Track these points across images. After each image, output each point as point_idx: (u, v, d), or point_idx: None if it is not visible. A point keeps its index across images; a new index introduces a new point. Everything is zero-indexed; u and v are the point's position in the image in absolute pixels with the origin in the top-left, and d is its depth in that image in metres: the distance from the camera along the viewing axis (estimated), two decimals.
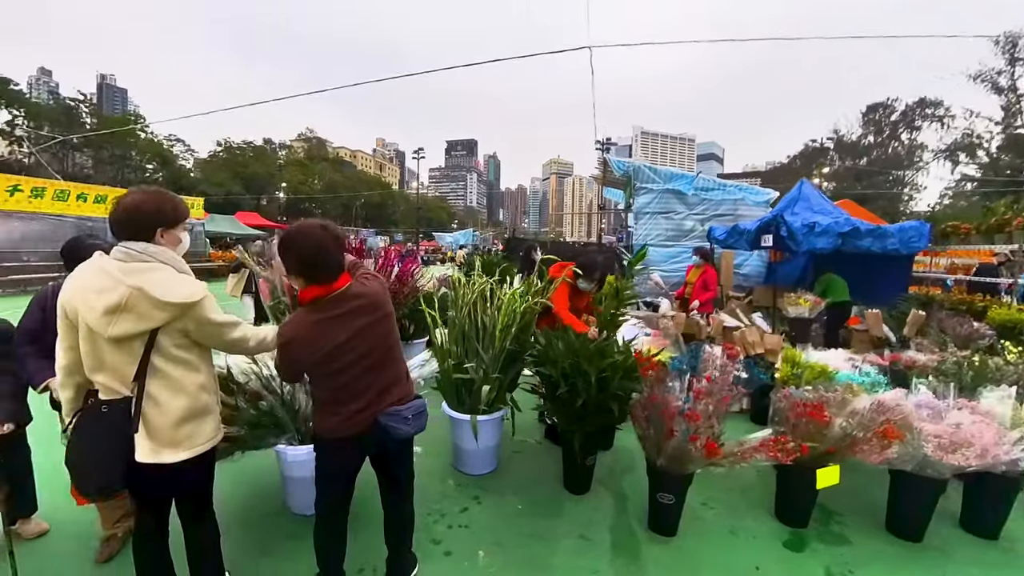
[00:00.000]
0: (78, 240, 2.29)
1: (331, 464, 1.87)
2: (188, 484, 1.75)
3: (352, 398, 1.76)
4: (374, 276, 1.87)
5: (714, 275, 6.23)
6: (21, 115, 35.74)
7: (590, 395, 2.50)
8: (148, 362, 1.54)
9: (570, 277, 3.41)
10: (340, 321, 1.69)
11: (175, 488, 1.76)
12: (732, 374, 3.01)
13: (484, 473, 3.23)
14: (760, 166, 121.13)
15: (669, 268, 10.47)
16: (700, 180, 10.27)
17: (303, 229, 1.71)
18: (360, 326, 1.72)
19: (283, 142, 74.57)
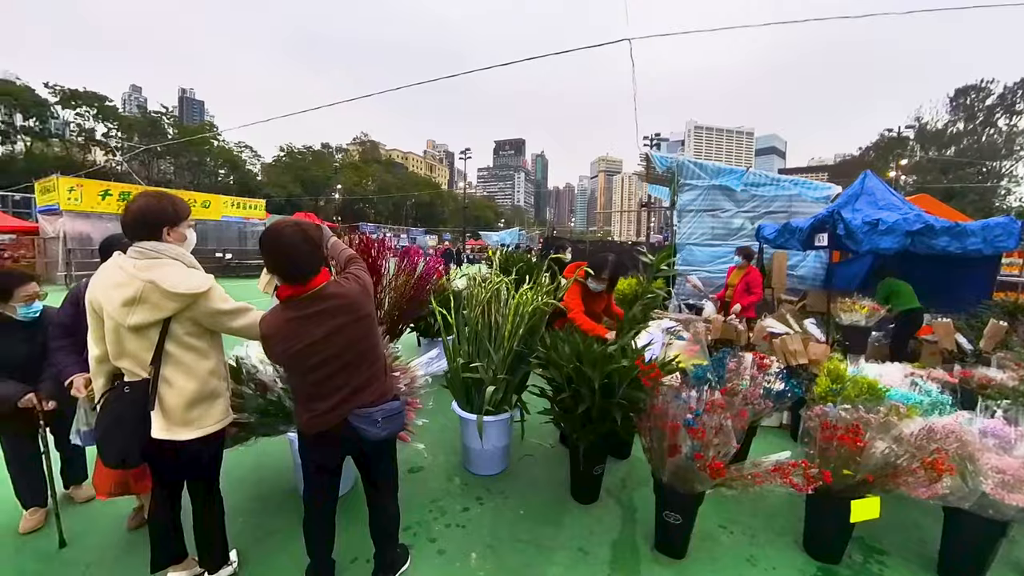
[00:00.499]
0: (113, 238, 2.41)
1: (308, 458, 1.89)
2: (197, 461, 1.91)
3: (322, 396, 1.76)
4: (355, 277, 1.84)
5: (758, 277, 5.77)
6: (115, 127, 40.06)
7: (594, 402, 2.36)
8: (162, 348, 1.72)
9: (582, 277, 3.25)
10: (313, 320, 1.69)
11: (185, 464, 1.91)
12: (762, 386, 2.74)
13: (491, 474, 3.17)
14: (828, 159, 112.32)
15: (714, 269, 9.91)
16: (751, 175, 9.62)
17: (275, 229, 1.72)
18: (334, 326, 1.71)
19: (340, 146, 78.36)
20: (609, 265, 3.22)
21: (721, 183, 9.93)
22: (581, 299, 3.22)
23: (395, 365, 3.03)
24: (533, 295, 3.07)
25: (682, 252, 10.29)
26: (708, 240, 10.16)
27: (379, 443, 1.84)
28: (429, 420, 3.75)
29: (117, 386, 1.77)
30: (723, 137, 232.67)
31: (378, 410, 1.81)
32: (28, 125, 37.09)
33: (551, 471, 3.21)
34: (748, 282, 5.70)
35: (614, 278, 3.29)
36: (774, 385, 2.80)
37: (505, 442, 3.16)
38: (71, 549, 2.36)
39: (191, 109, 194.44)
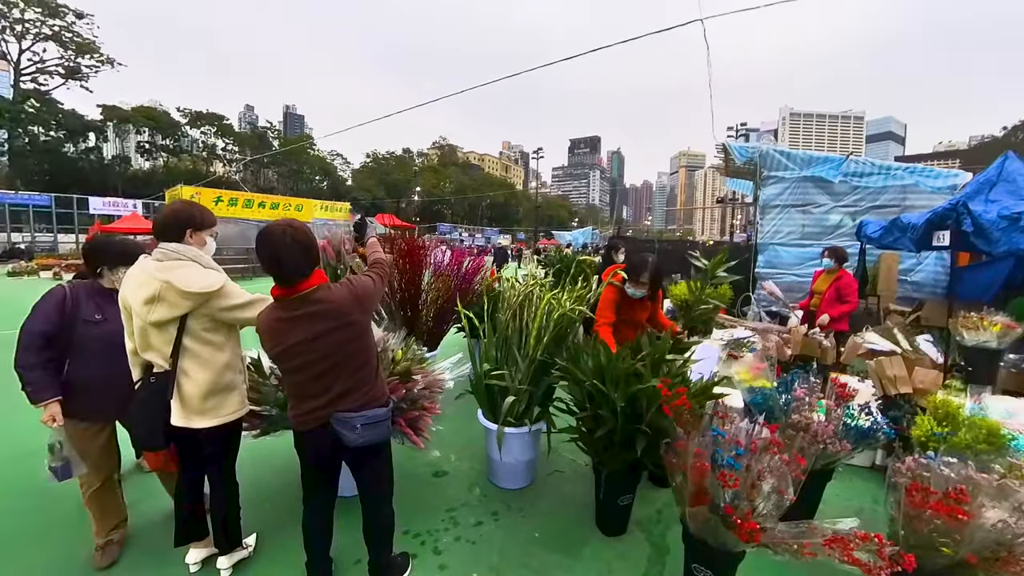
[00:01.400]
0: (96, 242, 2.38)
1: (300, 454, 1.91)
2: (212, 448, 2.03)
3: (304, 397, 1.78)
4: (349, 283, 1.81)
5: (853, 283, 4.87)
6: (230, 143, 45.81)
7: (616, 425, 2.03)
8: (180, 342, 1.86)
9: (618, 281, 2.86)
10: (298, 323, 1.70)
11: (203, 450, 2.03)
12: (839, 421, 2.21)
13: (514, 488, 2.96)
14: (961, 143, 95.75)
15: (803, 272, 8.75)
16: (852, 164, 8.31)
17: (267, 231, 1.70)
18: (317, 331, 1.70)
19: (420, 150, 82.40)
20: (649, 267, 2.76)
21: (814, 174, 8.73)
22: (615, 307, 2.83)
23: (417, 368, 2.92)
24: (563, 299, 2.78)
25: (765, 253, 9.22)
26: (796, 239, 9.01)
27: (361, 449, 1.81)
28: (462, 425, 3.64)
29: (147, 376, 1.94)
30: (825, 123, 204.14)
31: (359, 416, 1.77)
32: (166, 144, 43.75)
33: (579, 492, 2.91)
34: (839, 288, 4.83)
35: (656, 282, 2.84)
36: (858, 420, 2.23)
37: (529, 456, 2.92)
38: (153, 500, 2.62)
39: (293, 123, 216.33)
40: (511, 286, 3.31)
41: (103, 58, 38.56)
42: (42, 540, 2.41)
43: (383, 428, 1.86)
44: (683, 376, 2.19)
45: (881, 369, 2.93)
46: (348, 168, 66.59)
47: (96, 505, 2.21)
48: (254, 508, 2.63)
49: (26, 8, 34.81)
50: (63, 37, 36.86)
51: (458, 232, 54.48)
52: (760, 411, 2.44)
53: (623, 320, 2.82)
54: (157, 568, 2.22)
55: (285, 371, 1.80)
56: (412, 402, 2.75)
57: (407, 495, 2.88)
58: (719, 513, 1.50)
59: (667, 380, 1.90)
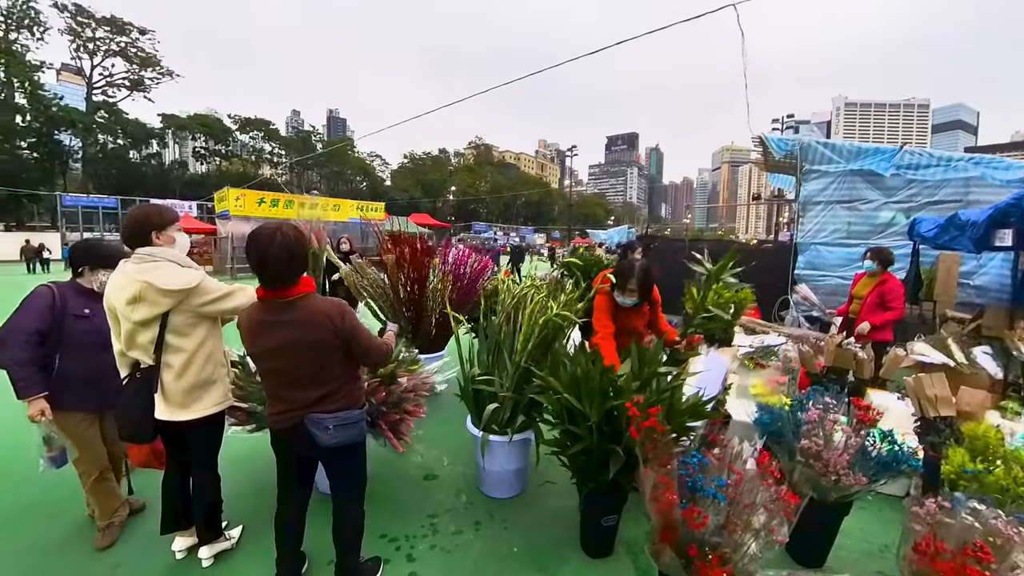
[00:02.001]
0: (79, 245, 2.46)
1: (276, 453, 1.93)
2: (195, 440, 2.10)
3: (280, 399, 1.79)
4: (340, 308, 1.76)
5: (899, 288, 4.38)
6: (277, 146, 48.09)
7: (592, 443, 1.86)
8: (163, 339, 1.93)
9: (606, 286, 2.63)
10: (276, 328, 1.69)
11: (186, 441, 2.11)
12: (854, 449, 1.93)
13: (501, 497, 2.83)
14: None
15: (849, 275, 8.06)
16: (907, 155, 7.57)
17: (257, 231, 1.69)
18: (294, 339, 1.69)
19: (456, 150, 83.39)
20: (637, 272, 2.51)
21: (863, 167, 8.03)
22: (610, 314, 2.60)
23: (403, 371, 2.84)
24: (551, 303, 2.62)
25: (806, 253, 8.61)
26: (841, 239, 8.35)
27: (334, 449, 1.80)
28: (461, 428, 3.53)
29: (133, 373, 2.00)
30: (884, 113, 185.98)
31: (331, 417, 1.76)
32: (218, 149, 46.52)
33: (569, 506, 2.71)
34: (883, 293, 4.34)
35: (646, 288, 2.57)
36: (879, 449, 1.93)
37: (516, 466, 2.78)
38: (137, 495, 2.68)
39: (336, 127, 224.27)
40: (506, 288, 3.16)
41: (163, 70, 41.57)
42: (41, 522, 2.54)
43: (356, 429, 1.85)
44: (672, 391, 1.98)
45: (920, 387, 2.56)
46: (387, 169, 68.37)
47: (96, 493, 2.31)
48: (242, 501, 2.67)
49: (97, 27, 37.97)
50: (128, 52, 40.05)
51: (492, 231, 54.73)
52: (765, 433, 2.19)
53: (618, 328, 2.59)
54: (148, 553, 2.29)
55: (262, 371, 1.83)
56: (394, 405, 2.68)
57: (392, 496, 2.85)
58: (683, 555, 1.31)
59: (639, 398, 1.69)
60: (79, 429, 2.22)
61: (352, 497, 1.99)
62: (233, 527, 2.43)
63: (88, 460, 2.25)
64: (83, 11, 37.40)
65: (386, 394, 2.60)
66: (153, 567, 2.21)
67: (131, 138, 40.99)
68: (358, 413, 1.86)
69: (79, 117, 36.85)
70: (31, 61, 34.85)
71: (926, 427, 2.55)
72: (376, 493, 2.85)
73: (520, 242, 36.11)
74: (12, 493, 2.82)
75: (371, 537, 2.40)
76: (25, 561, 2.25)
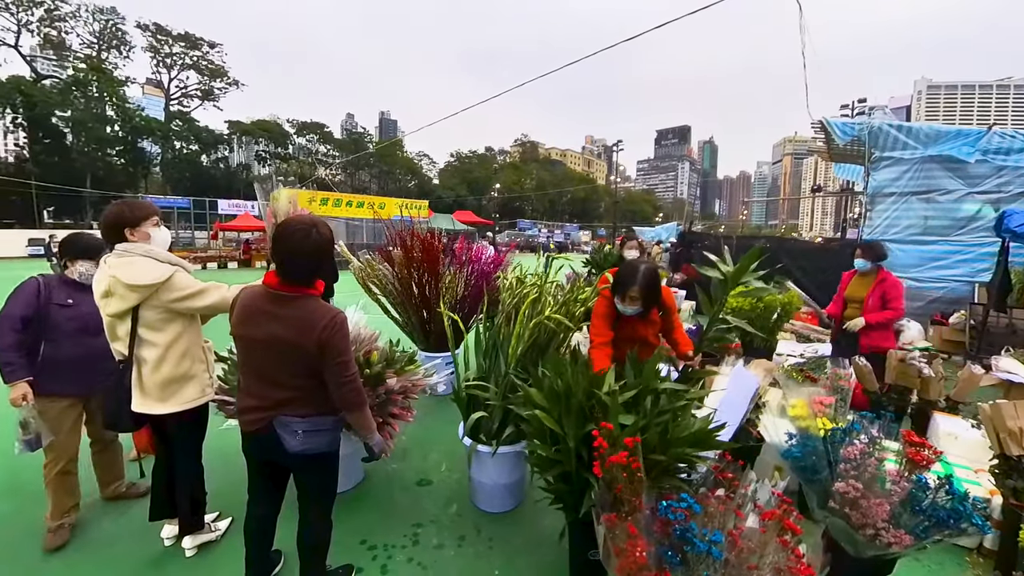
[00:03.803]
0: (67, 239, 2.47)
1: (244, 454, 1.83)
2: (175, 432, 2.12)
3: (246, 394, 1.73)
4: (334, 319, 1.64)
5: (899, 285, 3.65)
6: (331, 148, 50.42)
7: (572, 468, 1.60)
8: (136, 333, 1.96)
9: (606, 289, 2.28)
10: (263, 319, 1.62)
11: (166, 432, 2.15)
12: (901, 496, 1.53)
13: (492, 511, 2.63)
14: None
15: (926, 276, 7.16)
16: (995, 137, 6.55)
17: (291, 226, 1.62)
18: (274, 335, 1.60)
19: (502, 148, 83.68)
20: (640, 279, 2.13)
21: (942, 152, 7.05)
22: (609, 321, 2.26)
23: (392, 372, 2.69)
24: (548, 302, 2.36)
25: None
26: (916, 235, 7.44)
27: (301, 457, 1.70)
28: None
29: (118, 363, 2.05)
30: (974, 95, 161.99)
31: (302, 422, 1.68)
32: (278, 151, 49.53)
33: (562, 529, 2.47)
34: (885, 292, 3.65)
35: (651, 296, 2.19)
36: (935, 496, 1.51)
37: (510, 479, 2.56)
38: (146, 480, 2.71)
39: (387, 128, 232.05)
40: (508, 288, 2.94)
41: (230, 80, 44.82)
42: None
43: (327, 437, 1.75)
44: (675, 413, 1.66)
45: (999, 416, 2.05)
46: (434, 168, 69.81)
47: (56, 487, 2.31)
48: (234, 494, 2.56)
49: (174, 43, 41.57)
50: (200, 65, 43.52)
51: (537, 228, 54.39)
52: (796, 468, 1.82)
53: (622, 336, 2.26)
54: (142, 537, 2.34)
55: (240, 359, 1.75)
56: (379, 407, 2.53)
57: (381, 499, 2.74)
58: None
59: (608, 425, 1.39)
60: (59, 414, 2.27)
61: (320, 510, 1.88)
62: (222, 519, 2.45)
63: (59, 447, 2.29)
64: (162, 29, 41.09)
65: (369, 396, 2.46)
66: (143, 551, 2.27)
67: (202, 144, 44.47)
68: (332, 420, 1.76)
69: (158, 126, 40.51)
70: (118, 78, 38.70)
71: (1006, 467, 2.05)
72: (365, 494, 2.78)
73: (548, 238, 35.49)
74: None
75: (351, 541, 2.34)
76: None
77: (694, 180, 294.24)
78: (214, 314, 2.13)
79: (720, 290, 2.04)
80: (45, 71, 39.34)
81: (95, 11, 38.54)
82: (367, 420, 1.79)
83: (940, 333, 6.33)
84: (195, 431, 2.20)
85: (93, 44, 39.32)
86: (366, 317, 3.07)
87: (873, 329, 3.59)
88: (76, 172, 35.24)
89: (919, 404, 3.07)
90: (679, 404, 1.73)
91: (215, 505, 2.45)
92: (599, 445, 1.31)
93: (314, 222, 1.66)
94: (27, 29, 36.07)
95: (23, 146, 37.22)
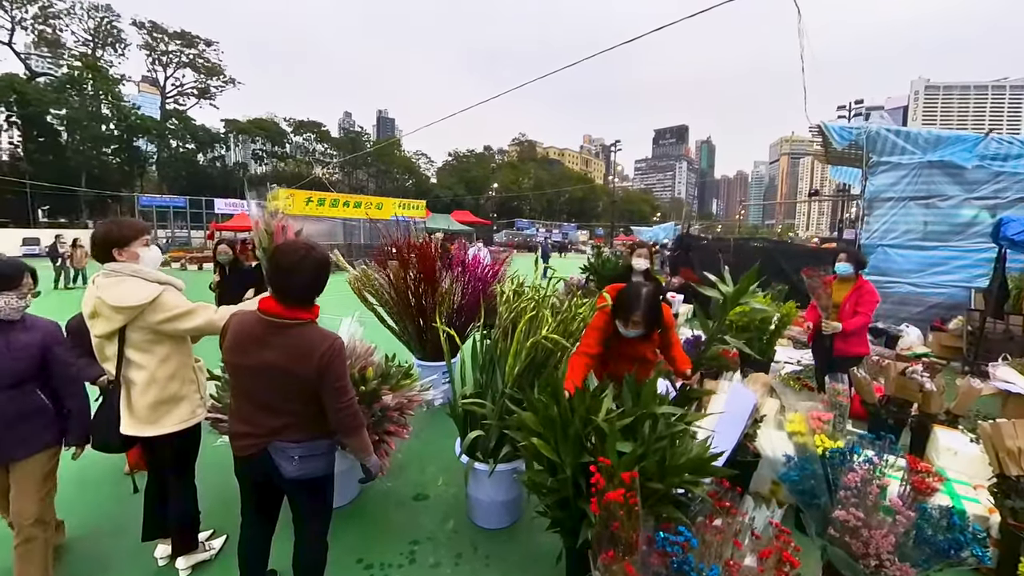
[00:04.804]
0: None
1: (237, 477, 1.80)
2: (164, 454, 2.10)
3: (239, 421, 1.69)
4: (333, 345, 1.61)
5: (874, 295, 3.59)
6: (328, 147, 50.23)
7: (569, 495, 1.57)
8: (123, 354, 1.92)
9: (606, 306, 2.23)
10: (257, 346, 1.58)
11: (156, 453, 2.13)
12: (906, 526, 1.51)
13: (489, 528, 2.61)
14: None
15: (926, 283, 7.16)
16: (993, 142, 6.56)
17: (286, 249, 1.63)
18: (269, 363, 1.57)
19: (500, 148, 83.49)
20: (643, 305, 2.08)
21: (942, 157, 7.04)
22: (604, 338, 2.22)
23: (387, 388, 2.66)
24: (546, 318, 2.32)
25: (872, 256, 7.74)
26: (915, 240, 7.44)
27: (297, 481, 1.67)
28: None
29: (108, 384, 2.07)
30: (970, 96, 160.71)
31: (297, 447, 1.65)
32: (275, 150, 49.35)
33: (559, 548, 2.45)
34: (860, 299, 3.58)
35: (653, 321, 2.14)
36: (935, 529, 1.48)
37: (507, 496, 2.54)
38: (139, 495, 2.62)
39: (385, 127, 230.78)
40: (505, 301, 2.90)
41: (227, 79, 44.61)
42: None
43: (323, 461, 1.73)
44: (673, 439, 1.64)
45: (998, 436, 2.03)
46: (432, 167, 69.64)
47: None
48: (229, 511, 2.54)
49: (169, 41, 41.33)
50: (196, 63, 43.31)
51: (535, 228, 54.36)
52: (794, 492, 1.80)
53: (619, 353, 2.23)
54: (134, 560, 2.31)
55: (232, 386, 1.73)
56: (375, 424, 2.50)
57: (377, 516, 2.71)
58: None
59: (605, 460, 1.35)
60: None
61: (315, 532, 1.85)
62: (216, 537, 2.41)
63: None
64: (157, 27, 40.89)
65: (364, 413, 2.43)
66: (137, 572, 2.24)
67: (198, 142, 44.28)
68: (327, 443, 1.74)
69: (154, 125, 40.31)
70: (113, 76, 38.44)
71: (1005, 488, 2.04)
72: (361, 510, 2.74)
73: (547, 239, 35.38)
74: None
75: (347, 560, 2.32)
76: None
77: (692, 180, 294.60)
78: (202, 335, 2.09)
79: (719, 310, 2.01)
80: (39, 69, 39.09)
81: (90, 8, 38.33)
82: (364, 443, 1.77)
83: (939, 339, 6.34)
84: (187, 451, 2.16)
85: (88, 42, 39.07)
86: (362, 329, 3.04)
87: (848, 335, 3.56)
88: (71, 171, 35.02)
89: (919, 417, 3.06)
90: (677, 430, 1.70)
91: (209, 522, 2.42)
92: (596, 481, 1.29)
93: (311, 245, 1.65)
94: (21, 26, 35.83)
95: (17, 144, 36.95)
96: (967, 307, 6.33)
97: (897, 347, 6.30)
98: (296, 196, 21.96)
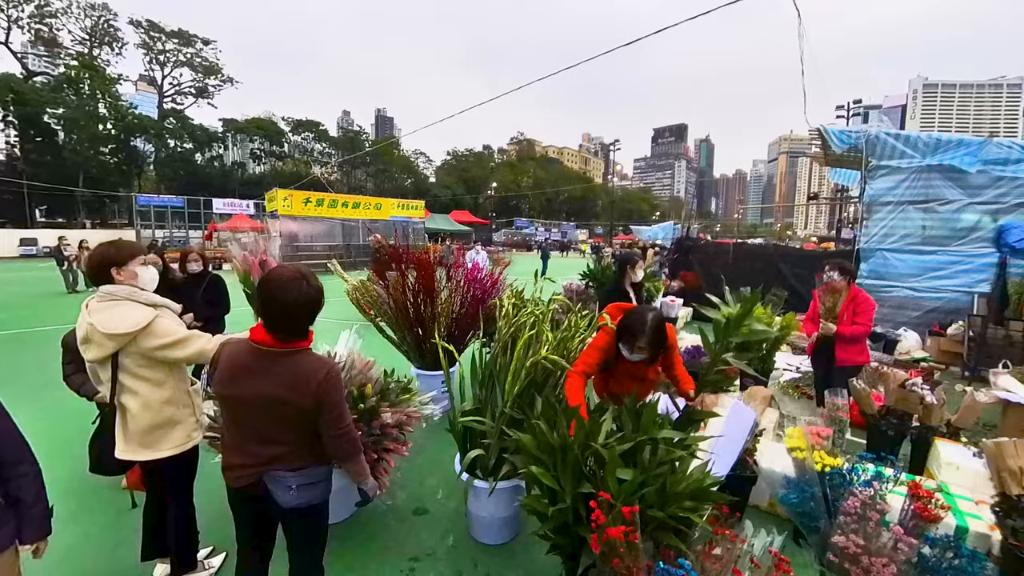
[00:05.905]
0: None
1: (231, 506, 1.77)
2: (161, 476, 2.11)
3: (233, 451, 1.65)
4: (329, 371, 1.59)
5: (870, 302, 3.54)
6: (327, 147, 50.13)
7: (569, 520, 1.55)
8: (117, 379, 1.91)
9: (610, 326, 2.20)
10: (251, 378, 1.54)
11: (154, 476, 2.15)
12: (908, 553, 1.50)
13: (489, 543, 2.60)
14: None
15: (924, 287, 7.15)
16: (994, 147, 6.54)
17: (278, 279, 1.54)
18: (263, 394, 1.53)
19: (500, 147, 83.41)
20: (648, 330, 2.05)
21: (943, 161, 7.03)
22: (602, 355, 2.19)
23: (386, 405, 2.64)
24: (547, 340, 2.30)
25: (871, 260, 7.75)
26: (914, 244, 7.43)
27: (294, 510, 1.64)
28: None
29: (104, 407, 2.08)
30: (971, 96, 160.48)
31: (294, 476, 1.61)
32: (273, 150, 49.22)
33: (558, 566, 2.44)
34: (856, 307, 3.53)
35: (659, 346, 2.12)
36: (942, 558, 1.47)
37: (508, 513, 2.53)
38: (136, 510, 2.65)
39: (383, 126, 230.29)
40: (505, 315, 2.88)
41: (224, 78, 44.46)
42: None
43: (320, 489, 1.70)
44: (673, 464, 1.62)
45: (1000, 455, 2.02)
46: (431, 166, 69.55)
47: None
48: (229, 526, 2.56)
49: (167, 40, 41.15)
50: (194, 62, 43.15)
51: (534, 227, 54.33)
52: (794, 514, 1.79)
53: (622, 374, 2.22)
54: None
55: (226, 417, 1.69)
56: (374, 443, 2.48)
57: (375, 531, 2.69)
58: None
59: (605, 494, 1.34)
60: None
61: (311, 560, 1.82)
62: (216, 555, 2.39)
63: None
64: (155, 26, 40.74)
65: (363, 432, 2.41)
66: None
67: (196, 142, 44.12)
68: (324, 470, 1.71)
69: (151, 124, 40.17)
70: (111, 75, 38.27)
71: (1006, 507, 2.03)
72: (360, 525, 2.72)
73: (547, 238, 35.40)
74: None
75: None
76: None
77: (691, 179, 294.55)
78: (194, 363, 2.10)
79: (721, 333, 1.99)
80: (36, 68, 38.96)
81: (87, 7, 38.23)
82: (361, 467, 1.75)
83: (938, 344, 6.33)
84: (184, 474, 2.16)
85: (85, 41, 38.96)
86: (361, 340, 3.02)
87: (847, 343, 3.52)
88: (68, 171, 34.89)
89: (920, 429, 3.05)
90: (678, 455, 1.69)
91: (208, 539, 2.41)
92: (596, 517, 1.27)
93: (303, 273, 1.59)
94: (17, 25, 35.71)
95: (14, 144, 36.80)
96: (966, 312, 6.32)
97: (895, 351, 6.29)
98: (294, 197, 21.91)
